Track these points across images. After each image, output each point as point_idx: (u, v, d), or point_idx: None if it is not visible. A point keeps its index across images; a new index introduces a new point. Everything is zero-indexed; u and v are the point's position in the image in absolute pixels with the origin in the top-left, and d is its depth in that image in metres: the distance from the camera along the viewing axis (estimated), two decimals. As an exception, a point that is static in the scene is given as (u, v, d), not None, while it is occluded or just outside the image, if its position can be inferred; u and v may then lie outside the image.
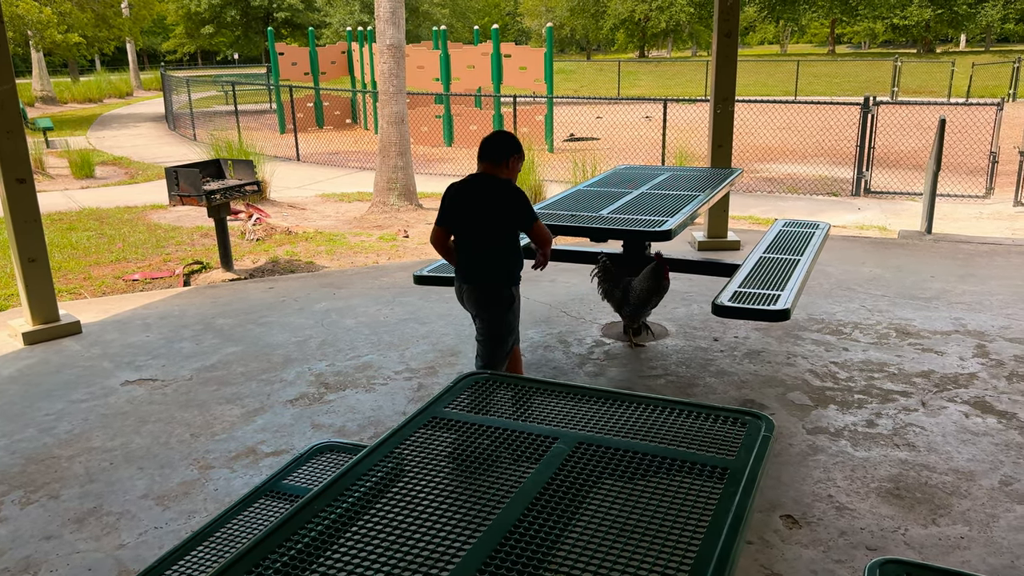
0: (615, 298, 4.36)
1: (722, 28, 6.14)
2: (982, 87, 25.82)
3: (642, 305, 4.29)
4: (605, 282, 4.40)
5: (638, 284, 4.24)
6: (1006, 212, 9.76)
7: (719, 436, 1.82)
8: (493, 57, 16.08)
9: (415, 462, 1.76)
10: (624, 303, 4.33)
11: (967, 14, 42.38)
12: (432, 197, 10.62)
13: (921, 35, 45.72)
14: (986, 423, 3.44)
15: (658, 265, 4.17)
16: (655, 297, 4.25)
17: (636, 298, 4.25)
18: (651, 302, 4.28)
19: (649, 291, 4.21)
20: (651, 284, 4.20)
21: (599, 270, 4.44)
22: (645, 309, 4.35)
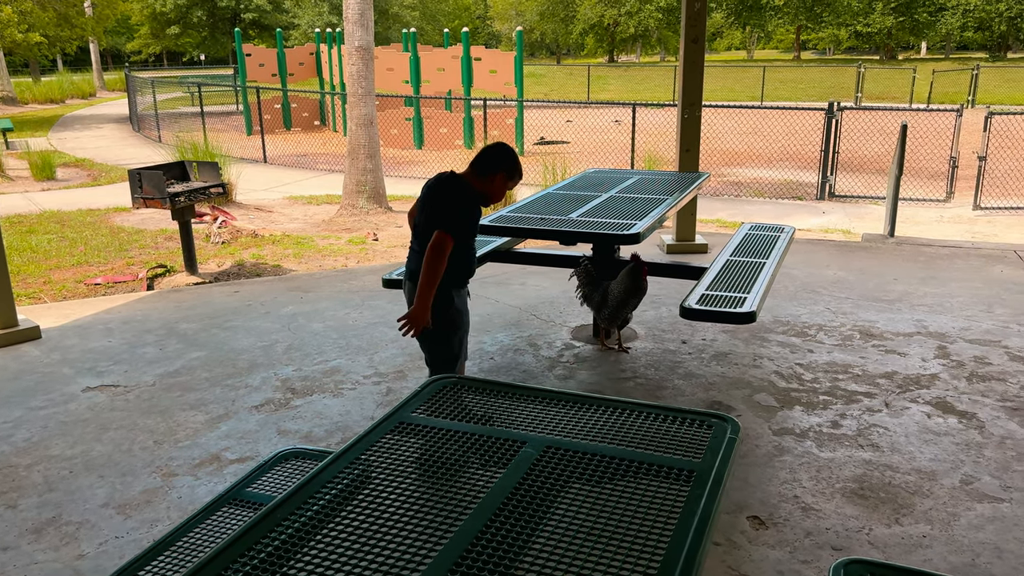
0: (594, 301, 4.33)
1: (689, 34, 6.19)
2: (942, 93, 26.36)
3: (620, 307, 4.25)
4: (585, 285, 4.36)
5: (616, 287, 4.21)
6: (966, 216, 9.96)
7: (686, 438, 1.82)
8: (463, 60, 16.07)
9: (382, 468, 1.74)
10: (603, 306, 4.29)
11: (928, 22, 43.26)
12: (402, 200, 10.57)
13: (884, 42, 46.55)
14: (947, 423, 3.50)
15: (636, 267, 4.13)
16: (633, 299, 4.21)
17: (614, 300, 4.21)
18: (629, 304, 4.24)
19: (627, 292, 4.17)
20: (628, 286, 4.16)
21: (580, 273, 4.40)
22: (623, 312, 4.30)
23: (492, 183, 3.12)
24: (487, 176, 3.11)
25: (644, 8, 45.92)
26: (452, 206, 3.04)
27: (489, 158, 3.14)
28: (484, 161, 3.13)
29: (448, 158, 13.70)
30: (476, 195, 3.11)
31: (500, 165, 3.12)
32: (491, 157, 3.14)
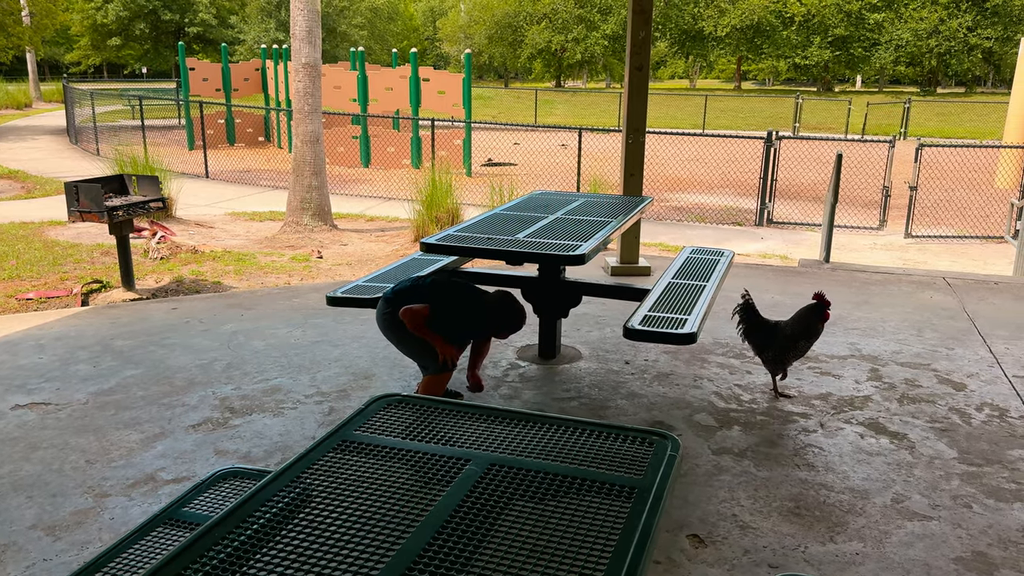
0: (756, 340, 4.12)
1: (634, 62, 6.32)
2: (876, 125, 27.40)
3: (788, 350, 4.03)
4: (746, 322, 4.15)
5: (789, 326, 4.02)
6: (898, 243, 10.34)
7: (628, 456, 1.85)
8: (411, 80, 16.10)
9: (323, 487, 1.72)
10: (767, 347, 4.07)
11: (862, 56, 45.02)
12: (348, 218, 10.49)
13: (821, 75, 48.26)
14: (879, 443, 3.61)
15: (819, 305, 3.95)
16: (805, 342, 4.00)
17: (784, 341, 4.01)
18: (799, 347, 4.02)
19: (799, 334, 3.97)
20: (805, 327, 3.95)
21: (740, 309, 4.17)
22: (790, 355, 4.06)
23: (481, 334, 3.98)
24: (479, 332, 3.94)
25: (590, 35, 46.76)
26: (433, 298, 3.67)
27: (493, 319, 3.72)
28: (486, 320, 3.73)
29: (395, 177, 13.67)
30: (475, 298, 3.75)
31: (497, 327, 3.73)
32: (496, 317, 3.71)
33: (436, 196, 8.95)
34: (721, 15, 44.42)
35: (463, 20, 52.39)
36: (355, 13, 50.11)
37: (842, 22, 43.28)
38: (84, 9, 45.71)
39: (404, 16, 61.20)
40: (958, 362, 4.64)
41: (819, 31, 44.00)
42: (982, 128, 28.07)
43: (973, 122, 30.61)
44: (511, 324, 3.65)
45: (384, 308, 3.68)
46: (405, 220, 9.63)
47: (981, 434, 3.73)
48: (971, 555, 2.78)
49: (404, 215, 9.71)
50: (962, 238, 10.74)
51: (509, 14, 48.22)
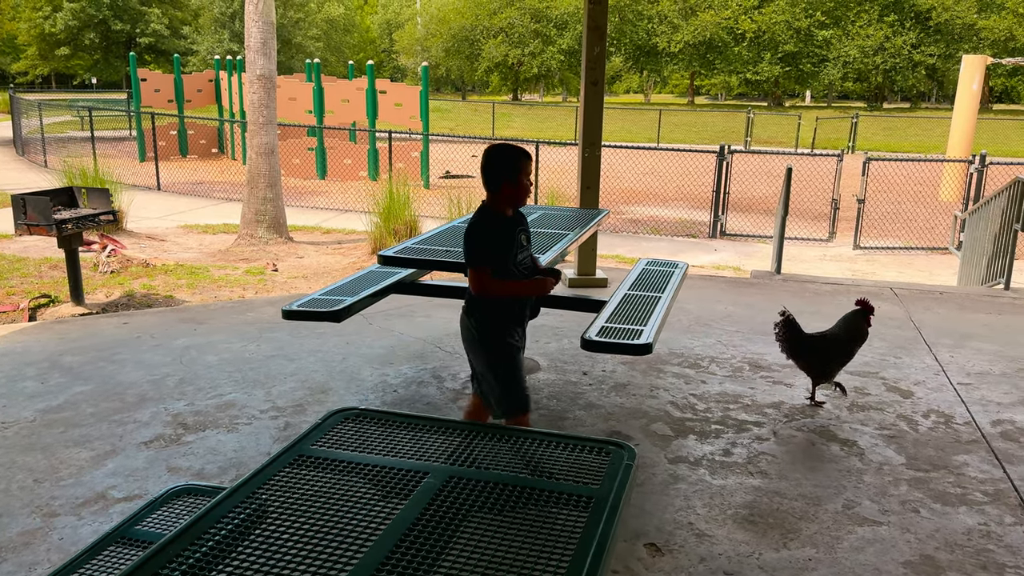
0: (802, 354, 4.12)
1: (589, 77, 6.40)
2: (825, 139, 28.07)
3: (844, 357, 4.07)
4: (791, 339, 4.13)
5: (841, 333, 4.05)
6: (847, 255, 10.60)
7: (585, 466, 1.87)
8: (368, 92, 16.06)
9: (280, 503, 1.71)
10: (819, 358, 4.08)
11: (811, 72, 46.14)
12: (304, 230, 10.40)
13: (771, 90, 49.34)
14: (830, 451, 3.69)
15: (862, 311, 4.03)
16: (855, 346, 4.07)
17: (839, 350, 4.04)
18: (852, 352, 4.08)
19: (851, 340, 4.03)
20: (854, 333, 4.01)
21: (781, 326, 4.14)
22: (844, 362, 4.10)
23: (503, 194, 2.99)
24: (497, 192, 3.00)
25: (547, 50, 47.16)
26: (467, 243, 3.01)
27: (487, 172, 3.00)
28: (485, 179, 3.02)
29: (352, 189, 13.59)
30: (492, 217, 3.01)
31: (499, 172, 2.98)
32: (487, 170, 3.00)
33: (394, 208, 8.93)
34: (674, 31, 45.16)
35: (420, 33, 52.44)
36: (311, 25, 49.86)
37: (792, 39, 44.32)
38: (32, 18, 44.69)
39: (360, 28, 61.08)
40: (905, 370, 4.77)
41: (769, 47, 45.00)
42: (927, 142, 28.94)
43: (918, 136, 31.55)
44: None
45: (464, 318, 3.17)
46: (362, 232, 9.58)
47: (928, 440, 3.84)
48: (919, 559, 2.86)
49: (361, 227, 9.66)
50: (908, 249, 11.05)
51: (466, 28, 48.40)
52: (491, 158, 3.01)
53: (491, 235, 2.99)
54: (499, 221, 3.03)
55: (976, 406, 4.25)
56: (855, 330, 4.08)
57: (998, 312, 6.31)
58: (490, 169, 3.00)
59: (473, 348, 3.14)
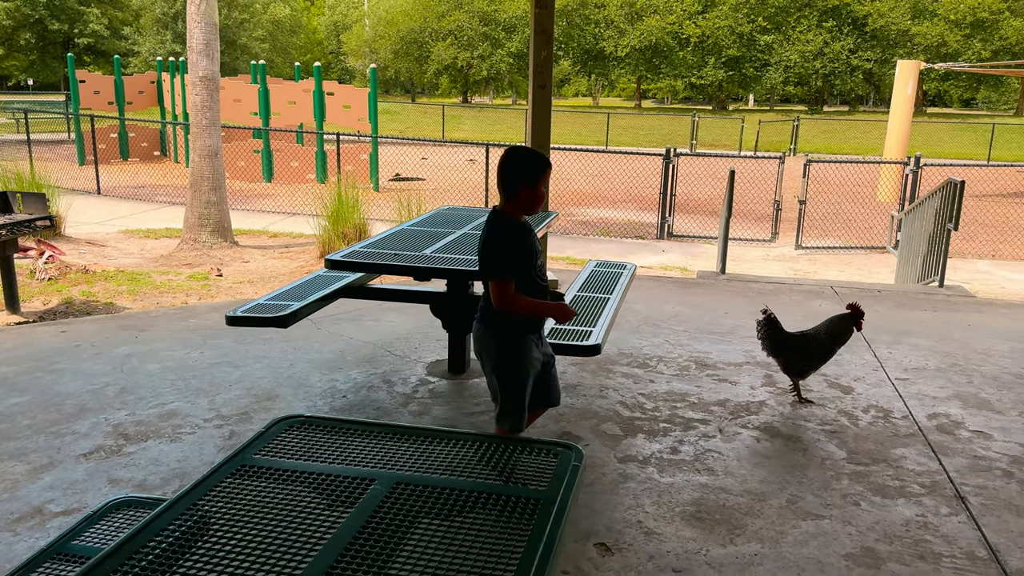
0: (783, 352, 4.19)
1: (537, 80, 6.43)
2: (768, 142, 28.66)
3: (823, 358, 4.16)
4: (771, 337, 4.20)
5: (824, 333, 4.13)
6: (789, 254, 10.84)
7: (533, 468, 1.87)
8: (315, 94, 15.87)
9: (222, 514, 1.67)
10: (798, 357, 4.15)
11: (754, 76, 47.10)
12: (250, 234, 10.23)
13: (716, 94, 50.22)
14: (774, 446, 3.77)
15: (851, 315, 4.10)
16: (837, 347, 4.15)
17: (819, 350, 4.12)
18: (833, 352, 4.17)
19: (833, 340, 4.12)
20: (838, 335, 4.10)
21: (763, 324, 4.22)
22: (823, 362, 4.19)
23: (520, 199, 2.86)
24: (514, 197, 2.86)
25: (496, 53, 47.22)
26: (488, 254, 2.86)
27: (502, 175, 2.87)
28: (500, 182, 2.89)
29: (299, 192, 13.41)
30: (510, 224, 2.87)
31: (516, 176, 2.84)
32: (503, 173, 2.87)
33: (342, 211, 8.84)
34: (621, 36, 45.64)
35: (368, 35, 52.01)
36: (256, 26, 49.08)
37: (735, 43, 45.18)
38: (-39, 16, 43.11)
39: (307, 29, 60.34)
40: (845, 367, 4.90)
41: (713, 52, 45.79)
42: (865, 145, 29.78)
43: (857, 139, 32.44)
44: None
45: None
46: (310, 236, 9.45)
47: (868, 435, 3.94)
48: (860, 551, 2.94)
49: (309, 231, 9.54)
50: (848, 249, 11.35)
51: (414, 30, 48.18)
52: (510, 161, 2.88)
53: (513, 245, 2.86)
54: (518, 229, 2.89)
55: (913, 400, 4.39)
56: (839, 331, 4.16)
57: (933, 309, 6.52)
58: (508, 172, 2.87)
59: (488, 360, 3.01)
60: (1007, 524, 3.14)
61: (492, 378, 3.03)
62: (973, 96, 51.30)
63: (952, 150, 29.14)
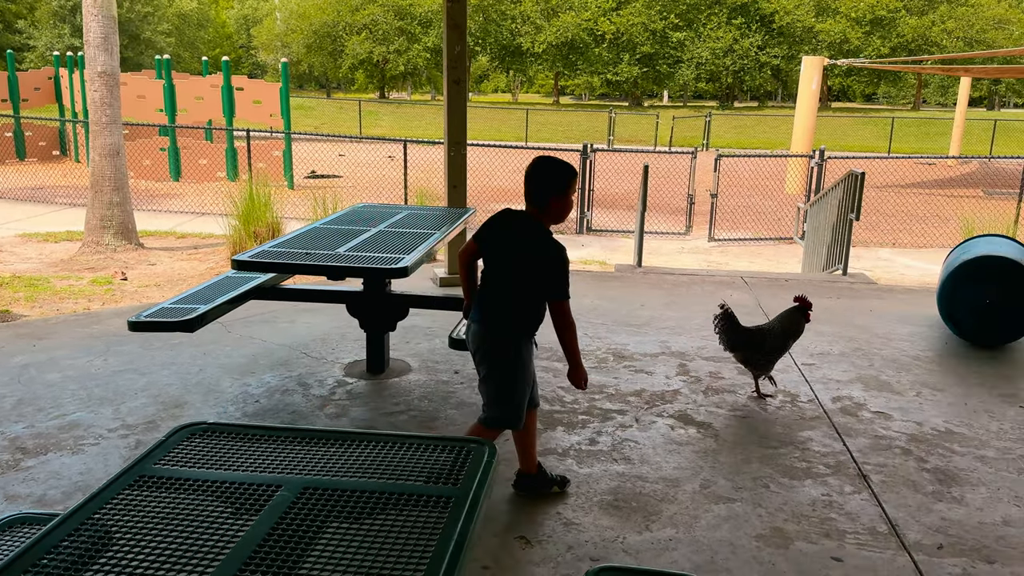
0: (740, 348, 4.25)
1: (451, 75, 6.40)
2: (682, 137, 29.35)
3: (780, 351, 4.25)
4: (729, 331, 4.24)
5: (778, 328, 4.21)
6: (703, 247, 11.13)
7: (446, 466, 1.86)
8: (224, 89, 15.41)
9: (123, 526, 1.60)
10: (757, 351, 4.22)
11: (667, 73, 48.10)
12: (157, 236, 9.87)
13: (631, 90, 51.08)
14: (688, 434, 3.86)
15: (801, 308, 4.19)
16: (792, 341, 4.25)
17: (774, 343, 4.20)
18: (788, 347, 4.27)
19: (787, 334, 4.20)
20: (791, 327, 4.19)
21: (720, 319, 4.25)
22: (781, 355, 4.29)
23: (552, 210, 2.91)
24: (544, 207, 2.90)
25: (412, 47, 46.82)
26: (559, 271, 2.89)
27: (535, 185, 2.90)
28: (532, 192, 2.91)
29: (209, 191, 13.00)
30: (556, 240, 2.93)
31: (548, 188, 2.88)
32: (536, 183, 2.90)
33: (254, 210, 8.61)
34: (538, 32, 45.92)
35: (279, 28, 50.78)
36: (161, 19, 47.30)
37: (648, 40, 46.04)
38: None
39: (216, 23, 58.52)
40: (756, 354, 5.05)
41: (628, 49, 46.55)
42: (774, 139, 30.84)
43: (766, 134, 33.56)
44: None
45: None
46: (221, 236, 9.18)
47: (776, 419, 4.08)
48: (770, 531, 3.04)
49: (220, 231, 9.26)
50: (758, 240, 11.73)
51: (327, 23, 47.31)
52: (541, 170, 2.90)
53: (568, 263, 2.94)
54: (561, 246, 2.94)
55: (818, 384, 4.57)
56: (792, 326, 4.27)
57: (837, 296, 6.79)
58: (537, 184, 2.89)
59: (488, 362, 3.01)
60: (905, 499, 3.30)
61: (489, 379, 3.01)
62: (874, 91, 53.71)
63: (855, 143, 30.47)
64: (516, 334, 2.99)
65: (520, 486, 3.23)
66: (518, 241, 2.95)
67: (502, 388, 3.00)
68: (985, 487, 3.42)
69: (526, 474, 3.21)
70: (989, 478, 3.50)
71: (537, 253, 2.90)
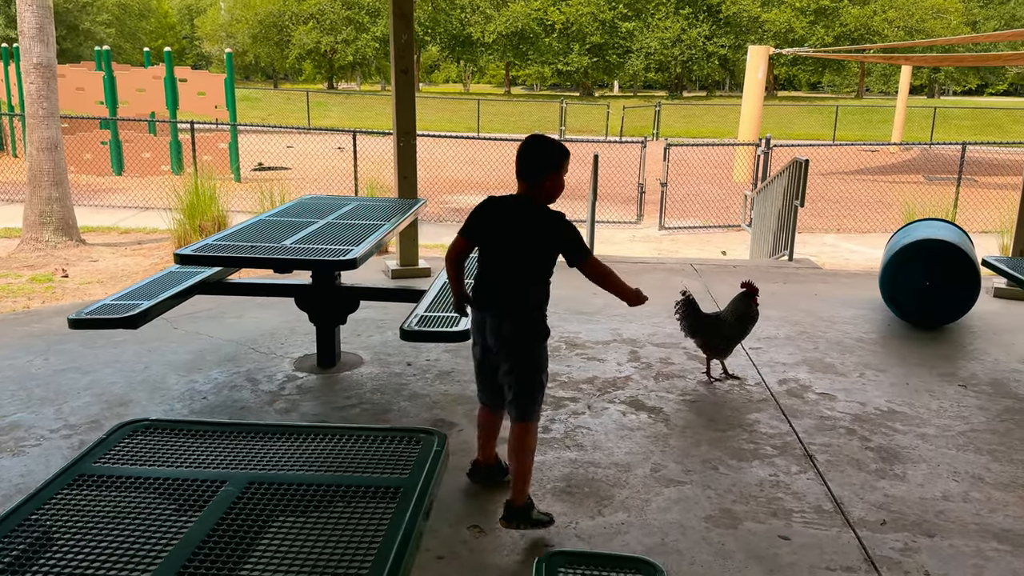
0: (699, 333, 4.32)
1: (399, 65, 6.34)
2: (632, 127, 29.57)
3: (738, 336, 4.35)
4: (690, 318, 4.30)
5: (730, 315, 4.30)
6: (653, 235, 11.24)
7: (395, 457, 1.85)
8: (167, 81, 15.06)
9: (63, 527, 1.56)
10: (715, 337, 4.31)
11: (617, 63, 48.43)
12: (99, 231, 9.61)
13: (582, 80, 51.28)
14: (639, 419, 3.90)
15: (750, 292, 4.31)
16: (749, 325, 4.34)
17: (730, 329, 4.29)
18: (746, 331, 4.36)
19: (743, 319, 4.30)
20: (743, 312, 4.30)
21: (681, 305, 4.32)
22: (739, 340, 4.39)
23: (544, 187, 2.86)
24: (537, 185, 2.84)
25: (360, 37, 46.28)
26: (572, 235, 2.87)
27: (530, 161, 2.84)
28: (527, 168, 2.85)
29: (153, 185, 12.69)
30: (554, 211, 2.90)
31: (545, 164, 2.83)
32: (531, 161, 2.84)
33: (199, 204, 8.44)
34: (488, 21, 45.78)
35: (224, 18, 49.77)
36: (100, 9, 45.92)
37: (598, 30, 46.26)
38: None
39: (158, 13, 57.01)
40: (705, 339, 5.13)
41: (578, 39, 46.72)
42: (722, 128, 31.26)
43: (714, 123, 34.01)
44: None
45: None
46: (165, 231, 8.98)
47: (724, 402, 4.15)
48: (719, 512, 3.09)
49: (164, 226, 9.05)
50: (707, 228, 11.89)
51: (273, 13, 46.49)
52: (536, 147, 2.85)
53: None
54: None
55: (765, 368, 4.66)
56: (744, 311, 4.37)
57: (783, 281, 6.93)
58: (531, 162, 2.84)
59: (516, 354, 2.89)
60: (850, 478, 3.39)
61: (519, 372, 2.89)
62: (819, 80, 54.79)
63: (801, 131, 31.07)
64: (537, 318, 2.93)
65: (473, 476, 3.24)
66: (518, 225, 2.87)
67: (533, 378, 2.91)
68: (926, 464, 3.53)
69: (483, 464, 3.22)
70: (929, 455, 3.61)
71: (544, 229, 2.85)
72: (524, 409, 2.90)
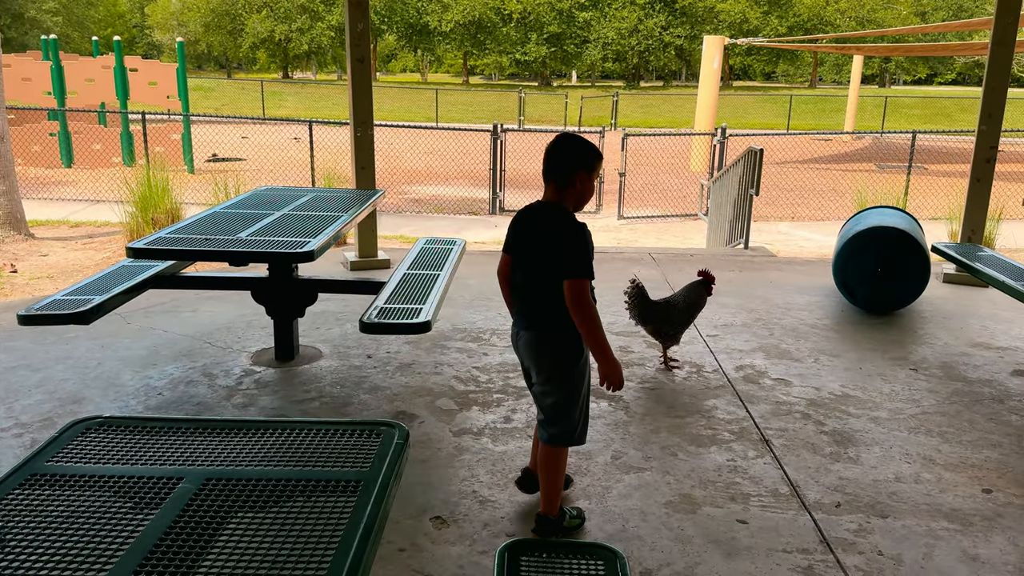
0: (650, 320, 4.37)
1: (355, 54, 6.28)
2: (591, 117, 29.67)
3: (687, 323, 4.43)
4: (640, 305, 4.36)
5: (683, 302, 4.38)
6: (612, 224, 11.31)
7: (355, 450, 1.84)
8: (116, 70, 14.70)
9: (15, 528, 1.53)
10: (665, 323, 4.37)
11: (575, 53, 48.52)
12: (48, 225, 9.37)
13: (540, 70, 51.28)
14: (600, 407, 3.94)
15: (706, 280, 4.38)
16: (697, 312, 4.43)
17: (681, 315, 4.37)
18: (693, 318, 4.45)
19: (694, 306, 4.38)
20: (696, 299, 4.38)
21: (632, 293, 4.38)
22: (687, 326, 4.47)
23: (578, 188, 2.65)
24: (566, 187, 2.64)
25: (315, 26, 45.65)
26: (574, 247, 2.57)
27: (558, 163, 2.63)
28: (555, 169, 2.64)
29: (104, 177, 12.40)
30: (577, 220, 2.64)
31: (572, 164, 2.61)
32: (559, 161, 2.63)
33: (152, 196, 8.27)
34: (445, 10, 45.50)
35: (175, 7, 48.69)
36: (45, -4, 44.60)
37: (555, 20, 46.28)
38: None
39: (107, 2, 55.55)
40: (664, 327, 5.19)
41: (535, 28, 46.69)
42: (679, 118, 31.55)
43: (671, 113, 34.30)
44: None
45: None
46: (117, 224, 8.78)
47: (683, 389, 4.21)
48: (678, 498, 3.14)
49: (116, 219, 8.85)
50: (665, 217, 12.01)
51: (226, 1, 45.62)
52: (567, 145, 2.64)
53: (590, 241, 2.63)
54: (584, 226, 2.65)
55: (722, 355, 4.73)
56: (695, 298, 4.43)
57: (739, 269, 7.03)
58: (561, 161, 2.63)
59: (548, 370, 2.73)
60: (805, 461, 3.46)
61: (549, 393, 2.73)
62: (773, 70, 55.58)
63: (756, 121, 31.49)
64: (563, 334, 2.67)
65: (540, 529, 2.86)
66: (537, 231, 2.70)
67: (563, 401, 2.72)
68: (879, 446, 3.62)
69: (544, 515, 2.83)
70: (882, 438, 3.70)
71: (555, 233, 2.64)
72: (549, 432, 2.75)
